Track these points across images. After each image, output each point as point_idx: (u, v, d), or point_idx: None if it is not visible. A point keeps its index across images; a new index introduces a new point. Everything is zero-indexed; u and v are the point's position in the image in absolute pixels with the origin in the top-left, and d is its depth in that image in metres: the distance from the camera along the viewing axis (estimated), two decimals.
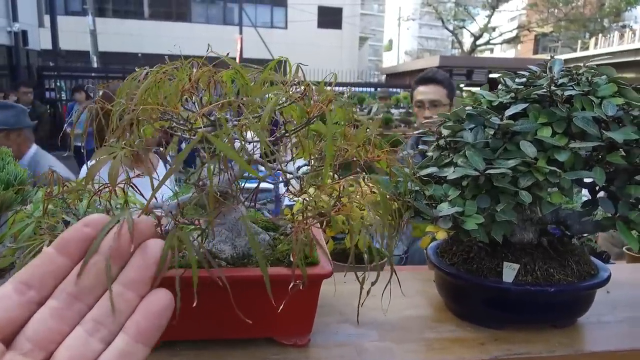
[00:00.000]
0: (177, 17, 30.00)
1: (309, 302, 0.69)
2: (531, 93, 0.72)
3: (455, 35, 30.52)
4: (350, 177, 0.60)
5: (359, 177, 0.66)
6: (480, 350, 0.73)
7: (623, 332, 0.80)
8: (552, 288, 0.73)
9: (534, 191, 0.66)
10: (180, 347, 0.70)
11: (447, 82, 2.29)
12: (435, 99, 2.21)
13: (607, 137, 0.66)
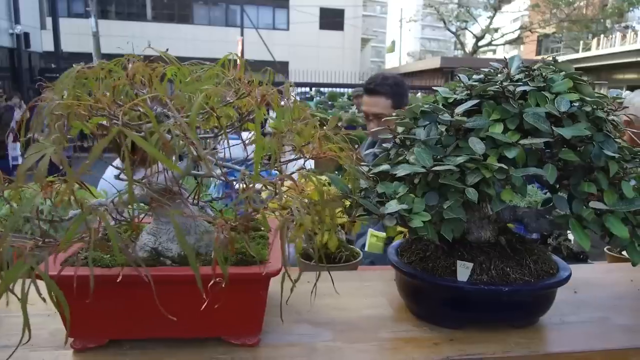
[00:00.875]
0: (179, 19, 30.07)
1: (256, 301, 0.68)
2: (485, 89, 0.71)
3: (457, 36, 30.48)
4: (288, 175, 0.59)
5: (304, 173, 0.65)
6: (433, 350, 0.72)
7: (584, 333, 0.79)
8: (506, 287, 0.72)
9: (482, 188, 0.65)
10: (127, 346, 0.69)
11: (393, 90, 2.04)
12: (377, 112, 2.01)
13: (569, 134, 0.65)
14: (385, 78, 2.09)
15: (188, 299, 0.64)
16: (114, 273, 0.62)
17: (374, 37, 57.70)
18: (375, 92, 2.02)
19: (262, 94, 0.54)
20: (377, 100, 2.01)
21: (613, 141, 0.67)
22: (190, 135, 0.51)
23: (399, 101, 2.01)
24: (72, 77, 0.54)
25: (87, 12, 21.76)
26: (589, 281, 1.00)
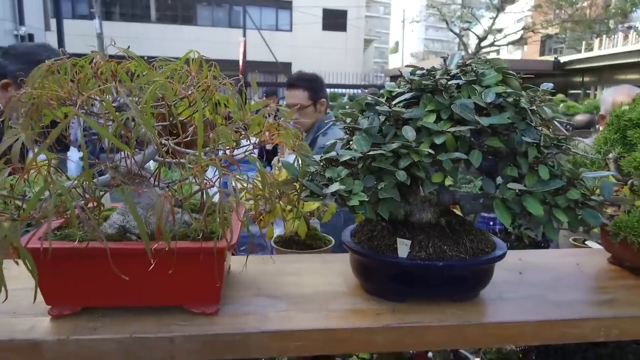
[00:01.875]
0: (182, 20, 30.20)
1: (212, 272, 0.75)
2: (421, 83, 0.79)
3: (459, 37, 30.47)
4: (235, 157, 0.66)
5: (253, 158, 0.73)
6: (375, 319, 0.79)
7: (519, 307, 0.86)
8: (441, 263, 0.79)
9: (414, 171, 0.73)
10: (99, 313, 0.77)
11: (309, 84, 2.41)
12: (295, 102, 2.34)
13: (486, 122, 0.72)
14: (303, 74, 2.52)
15: (150, 270, 0.72)
16: (83, 246, 0.70)
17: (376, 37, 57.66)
18: (293, 86, 2.41)
19: (208, 85, 0.62)
20: (294, 93, 2.38)
21: (534, 129, 0.75)
22: (144, 122, 0.59)
23: (315, 93, 2.39)
24: (43, 70, 0.62)
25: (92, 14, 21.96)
26: (536, 264, 1.07)
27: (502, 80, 0.79)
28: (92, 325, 0.75)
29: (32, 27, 16.08)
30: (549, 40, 31.37)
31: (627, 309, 0.86)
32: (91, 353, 0.72)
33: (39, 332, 0.73)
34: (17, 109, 0.63)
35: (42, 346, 0.72)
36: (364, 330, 0.77)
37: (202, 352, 0.74)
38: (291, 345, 0.76)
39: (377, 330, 0.77)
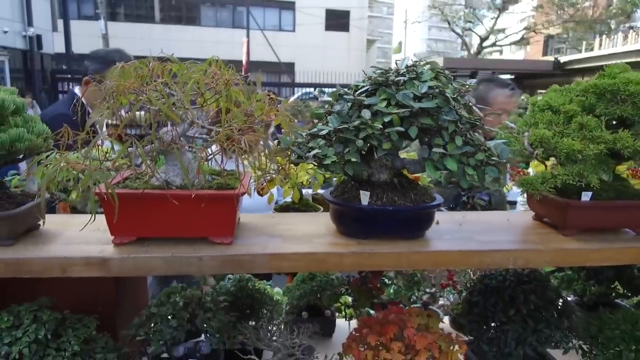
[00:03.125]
0: (187, 21, 30.51)
1: (229, 213, 1.07)
2: (377, 79, 1.11)
3: (461, 37, 30.72)
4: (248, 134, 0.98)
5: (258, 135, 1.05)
6: (344, 248, 1.11)
7: (453, 242, 1.17)
8: (390, 207, 1.11)
9: (369, 141, 1.05)
10: (148, 243, 1.09)
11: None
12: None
13: (417, 106, 1.04)
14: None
15: (186, 211, 1.04)
16: (139, 192, 1.03)
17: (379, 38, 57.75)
18: None
19: (226, 80, 0.94)
20: None
21: (454, 112, 1.06)
22: (186, 105, 0.91)
23: None
24: (118, 71, 0.94)
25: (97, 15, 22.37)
26: (475, 220, 1.39)
27: (435, 77, 1.10)
28: (144, 249, 1.07)
29: (40, 28, 16.44)
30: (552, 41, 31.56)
31: (531, 245, 1.17)
32: (144, 266, 1.04)
33: (107, 253, 1.05)
34: (99, 98, 0.95)
35: (110, 262, 1.04)
36: (336, 255, 1.09)
37: (221, 268, 1.06)
38: (284, 264, 1.08)
39: (346, 254, 1.09)
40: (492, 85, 2.84)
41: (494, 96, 2.77)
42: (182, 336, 1.28)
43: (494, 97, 2.76)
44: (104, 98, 0.92)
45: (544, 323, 1.34)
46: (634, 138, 1.06)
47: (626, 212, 1.20)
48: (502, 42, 30.60)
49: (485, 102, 2.77)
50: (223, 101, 0.89)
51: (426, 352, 1.27)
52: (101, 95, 0.93)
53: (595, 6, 26.39)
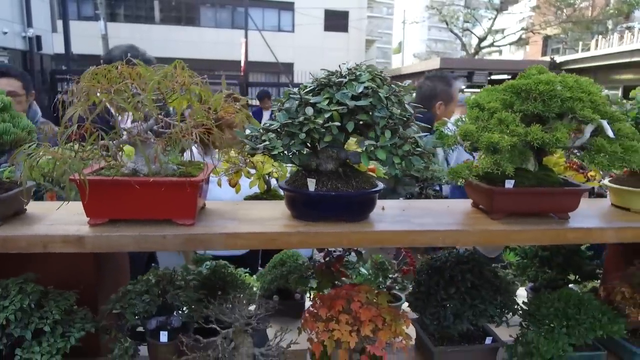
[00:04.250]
0: (186, 22, 30.66)
1: (190, 198, 1.22)
2: (321, 81, 1.26)
3: (459, 37, 30.87)
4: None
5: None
6: (293, 228, 1.26)
7: (391, 225, 1.33)
8: (333, 193, 1.26)
9: (312, 134, 1.20)
10: (119, 224, 1.24)
11: (22, 75, 2.96)
12: (9, 90, 2.72)
13: (352, 104, 1.19)
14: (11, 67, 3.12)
15: (152, 196, 1.19)
16: (110, 179, 1.18)
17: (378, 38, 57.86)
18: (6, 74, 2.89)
19: (183, 82, 1.10)
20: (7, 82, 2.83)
21: (386, 109, 1.21)
22: (148, 104, 1.06)
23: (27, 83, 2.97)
24: (90, 72, 1.09)
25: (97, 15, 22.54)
26: (418, 206, 1.54)
27: (372, 79, 1.26)
28: (116, 228, 1.22)
29: (40, 29, 16.58)
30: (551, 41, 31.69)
31: (461, 227, 1.32)
32: (115, 243, 1.19)
33: (83, 232, 1.21)
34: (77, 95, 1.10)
35: (85, 239, 1.19)
36: (285, 234, 1.25)
37: (183, 245, 1.22)
38: (239, 242, 1.24)
39: (293, 233, 1.25)
40: (439, 82, 3.09)
41: (439, 92, 3.14)
42: (153, 310, 1.44)
43: (440, 93, 3.13)
44: (78, 97, 1.08)
45: (479, 299, 1.50)
46: (544, 131, 1.21)
47: (546, 198, 1.35)
48: (499, 42, 30.75)
49: (432, 98, 3.10)
50: (178, 100, 1.05)
51: (371, 323, 1.43)
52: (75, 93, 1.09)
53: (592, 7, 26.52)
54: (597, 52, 20.91)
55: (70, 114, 1.08)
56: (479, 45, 29.60)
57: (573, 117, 1.23)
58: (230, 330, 1.33)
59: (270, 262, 2.04)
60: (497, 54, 36.85)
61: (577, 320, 1.55)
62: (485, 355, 1.56)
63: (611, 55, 19.20)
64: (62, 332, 1.30)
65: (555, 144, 1.19)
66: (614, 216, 1.46)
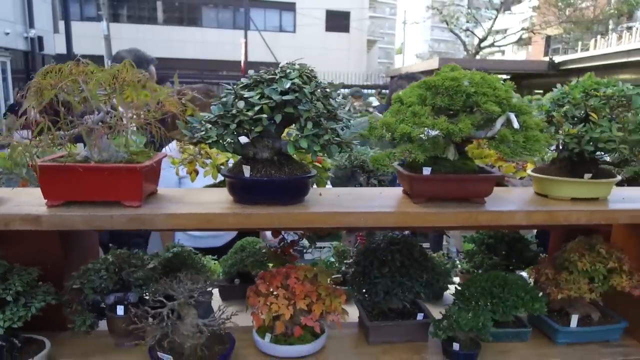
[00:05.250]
0: (188, 22, 30.86)
1: (135, 182, 1.37)
2: (254, 78, 1.41)
3: (459, 37, 30.96)
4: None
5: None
6: (230, 210, 1.41)
7: (322, 208, 1.47)
8: (265, 178, 1.41)
9: (243, 126, 1.35)
10: (74, 205, 1.39)
11: None
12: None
13: (277, 98, 1.34)
14: None
15: (101, 180, 1.34)
16: (64, 165, 1.33)
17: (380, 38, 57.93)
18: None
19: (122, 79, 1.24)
20: None
21: (310, 103, 1.36)
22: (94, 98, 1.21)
23: None
24: (43, 70, 1.25)
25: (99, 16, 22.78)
26: (353, 192, 1.68)
27: (300, 76, 1.40)
28: (69, 209, 1.37)
29: (42, 29, 16.82)
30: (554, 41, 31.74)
31: (382, 209, 1.46)
32: (68, 221, 1.34)
33: (40, 212, 1.35)
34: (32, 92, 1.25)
35: (41, 218, 1.34)
36: (221, 215, 1.39)
37: (128, 224, 1.37)
38: (179, 221, 1.38)
39: (229, 215, 1.39)
40: (405, 81, 3.21)
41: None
42: (110, 285, 1.59)
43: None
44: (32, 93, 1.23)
45: (407, 277, 1.64)
46: (451, 123, 1.35)
47: (460, 184, 1.49)
48: (500, 42, 30.81)
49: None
50: (118, 96, 1.20)
51: (307, 298, 1.57)
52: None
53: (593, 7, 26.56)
54: (595, 52, 20.98)
55: (24, 107, 1.23)
56: (479, 46, 29.69)
57: (478, 110, 1.37)
58: (175, 303, 1.48)
59: (232, 248, 2.19)
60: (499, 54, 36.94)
61: (500, 298, 1.69)
62: (415, 330, 1.70)
63: (609, 55, 19.27)
64: (25, 302, 1.45)
65: (459, 134, 1.33)
66: (531, 202, 1.60)
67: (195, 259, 1.97)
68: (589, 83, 1.56)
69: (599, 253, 1.68)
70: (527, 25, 30.50)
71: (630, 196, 1.69)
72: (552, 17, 27.07)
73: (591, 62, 20.40)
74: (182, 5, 30.65)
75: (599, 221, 1.52)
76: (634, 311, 1.77)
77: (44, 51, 16.76)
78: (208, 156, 1.84)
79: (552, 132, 1.51)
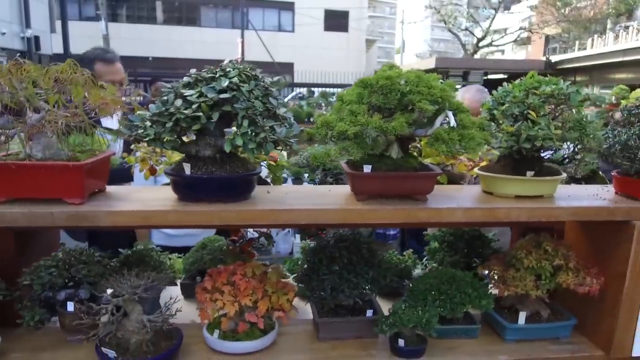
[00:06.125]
0: (187, 22, 30.89)
1: (76, 180, 1.39)
2: (195, 77, 1.42)
3: (457, 37, 30.96)
4: None
5: None
6: (170, 207, 1.43)
7: (265, 205, 1.49)
8: (205, 176, 1.43)
9: (181, 124, 1.37)
10: (18, 202, 1.41)
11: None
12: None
13: (212, 96, 1.36)
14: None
15: (43, 178, 1.36)
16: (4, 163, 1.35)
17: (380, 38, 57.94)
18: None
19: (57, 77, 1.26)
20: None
21: (246, 101, 1.38)
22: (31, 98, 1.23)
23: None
24: None
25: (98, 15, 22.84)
26: (301, 190, 1.70)
27: (239, 75, 1.42)
28: (11, 206, 1.39)
29: (38, 29, 16.84)
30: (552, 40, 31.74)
31: (324, 206, 1.48)
32: (9, 218, 1.36)
33: None
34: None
35: None
36: (162, 212, 1.41)
37: (69, 221, 1.39)
38: (119, 219, 1.40)
39: (169, 212, 1.41)
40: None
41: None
42: (59, 282, 1.61)
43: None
44: None
45: (354, 274, 1.66)
46: (385, 121, 1.37)
47: (400, 181, 1.51)
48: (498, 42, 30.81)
49: None
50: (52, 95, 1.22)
51: (254, 295, 1.59)
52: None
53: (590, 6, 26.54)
54: (591, 51, 20.97)
55: None
56: (477, 45, 29.69)
57: (413, 108, 1.39)
58: (119, 299, 1.50)
59: (194, 247, 2.21)
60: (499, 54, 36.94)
61: (448, 294, 1.71)
62: (365, 326, 1.72)
63: (605, 54, 19.28)
64: None
65: (392, 132, 1.35)
66: (475, 199, 1.62)
67: (153, 257, 1.99)
68: (530, 81, 1.57)
69: (546, 250, 1.70)
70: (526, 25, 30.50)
71: (576, 194, 1.71)
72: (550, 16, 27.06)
73: (587, 61, 20.41)
74: (181, 5, 30.69)
75: (539, 218, 1.54)
76: (585, 308, 1.79)
77: (41, 51, 16.78)
78: (163, 154, 1.86)
79: (493, 130, 1.53)
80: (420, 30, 56.72)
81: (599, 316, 1.74)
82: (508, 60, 29.58)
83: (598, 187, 1.84)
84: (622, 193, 1.68)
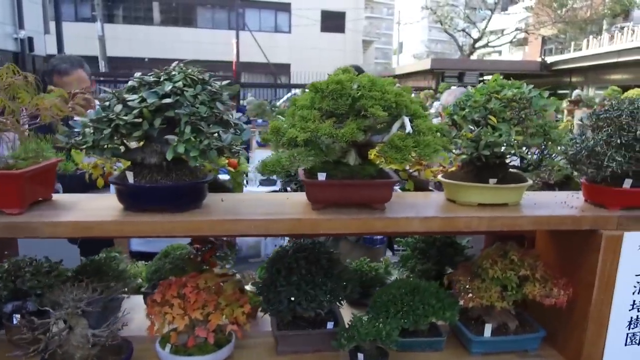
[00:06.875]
0: (183, 23, 30.81)
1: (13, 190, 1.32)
2: (139, 81, 1.36)
3: (453, 38, 30.94)
4: None
5: None
6: (112, 217, 1.36)
7: (218, 214, 1.42)
8: (148, 185, 1.36)
9: (120, 130, 1.30)
10: None
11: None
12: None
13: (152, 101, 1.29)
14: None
15: None
16: None
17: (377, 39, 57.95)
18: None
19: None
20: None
21: (190, 107, 1.31)
22: None
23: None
24: None
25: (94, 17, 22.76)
26: (258, 198, 1.64)
27: (184, 79, 1.36)
28: None
29: (32, 30, 16.73)
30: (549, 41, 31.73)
31: (277, 216, 1.42)
32: None
33: None
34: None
35: None
36: (103, 222, 1.35)
37: (5, 232, 1.32)
38: (59, 229, 1.34)
39: (110, 222, 1.35)
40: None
41: None
42: (4, 294, 1.54)
43: None
44: None
45: (311, 285, 1.59)
46: (336, 127, 1.31)
47: (355, 189, 1.44)
48: (494, 43, 30.80)
49: None
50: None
51: (206, 308, 1.53)
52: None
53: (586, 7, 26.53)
54: (586, 52, 20.95)
55: None
56: (473, 46, 29.68)
57: (365, 114, 1.33)
58: (62, 312, 1.43)
59: (158, 254, 2.14)
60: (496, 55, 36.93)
61: (411, 306, 1.65)
62: (326, 339, 1.65)
63: (600, 55, 19.25)
64: None
65: (342, 138, 1.29)
66: (436, 208, 1.56)
67: (112, 266, 1.92)
68: (492, 85, 1.51)
69: (512, 260, 1.64)
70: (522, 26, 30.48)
71: (544, 201, 1.65)
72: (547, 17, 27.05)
73: (582, 62, 20.39)
74: (177, 5, 30.60)
75: (500, 228, 1.48)
76: (556, 320, 1.73)
77: (34, 52, 16.68)
78: (119, 160, 1.80)
79: (452, 137, 1.47)
80: (417, 31, 56.70)
81: (568, 328, 1.68)
82: (504, 61, 29.60)
83: (569, 194, 1.78)
84: (591, 201, 1.62)
